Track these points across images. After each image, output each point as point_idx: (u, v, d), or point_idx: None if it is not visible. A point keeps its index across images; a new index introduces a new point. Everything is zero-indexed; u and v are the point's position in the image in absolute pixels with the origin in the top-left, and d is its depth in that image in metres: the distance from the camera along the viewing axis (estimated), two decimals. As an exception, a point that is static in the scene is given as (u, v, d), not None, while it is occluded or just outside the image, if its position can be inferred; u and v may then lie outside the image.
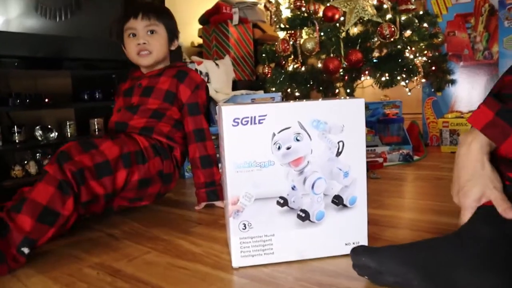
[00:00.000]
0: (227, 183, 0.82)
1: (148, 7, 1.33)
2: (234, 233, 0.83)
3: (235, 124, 0.80)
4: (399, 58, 2.00)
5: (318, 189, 0.85)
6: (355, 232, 0.88)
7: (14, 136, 1.67)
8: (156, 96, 1.30)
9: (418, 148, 2.16)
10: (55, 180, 0.96)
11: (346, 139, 0.84)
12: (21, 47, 1.55)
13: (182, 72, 1.34)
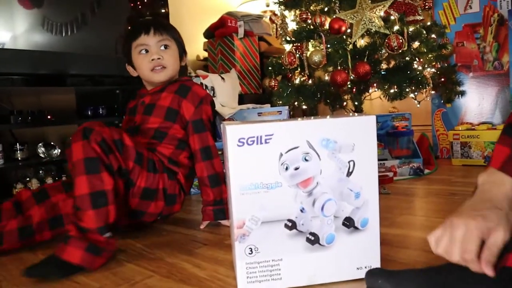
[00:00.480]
0: (232, 205, 0.78)
1: (158, 23, 1.30)
2: (240, 258, 0.79)
3: (240, 144, 0.76)
4: (408, 70, 1.96)
5: (328, 211, 0.80)
6: (367, 256, 0.84)
7: (17, 154, 1.65)
8: (157, 114, 1.26)
9: (429, 161, 2.11)
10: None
11: (357, 158, 0.80)
12: (25, 64, 1.54)
13: (185, 86, 1.29)
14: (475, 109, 2.30)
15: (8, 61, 1.49)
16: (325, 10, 2.18)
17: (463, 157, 2.08)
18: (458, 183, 1.69)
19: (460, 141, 2.09)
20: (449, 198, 1.46)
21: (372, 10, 1.92)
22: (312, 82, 2.23)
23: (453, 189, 1.59)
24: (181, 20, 2.79)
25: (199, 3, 2.99)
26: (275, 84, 2.39)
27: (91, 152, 1.00)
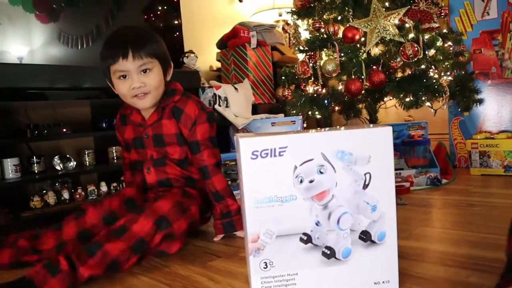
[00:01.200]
0: (246, 219, 0.77)
1: (136, 43, 1.14)
2: (254, 272, 0.78)
3: (254, 157, 0.75)
4: (424, 78, 1.93)
5: (344, 224, 0.79)
6: (385, 270, 0.81)
7: (33, 167, 1.66)
8: (170, 143, 1.26)
9: (446, 171, 2.07)
10: (135, 238, 1.03)
11: (373, 171, 0.78)
12: (41, 79, 1.56)
13: (177, 109, 1.24)
14: (493, 117, 2.25)
15: (25, 76, 1.51)
16: (338, 19, 2.17)
17: (482, 166, 2.03)
18: (477, 194, 1.65)
19: (478, 150, 2.04)
20: (468, 209, 1.43)
21: (386, 18, 1.90)
22: (326, 91, 2.21)
23: (471, 200, 1.55)
24: (194, 31, 2.81)
25: (211, 14, 3.01)
26: (289, 93, 2.38)
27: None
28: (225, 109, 2.26)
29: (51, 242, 1.13)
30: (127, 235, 1.02)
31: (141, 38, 1.16)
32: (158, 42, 1.20)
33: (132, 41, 1.14)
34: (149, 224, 1.05)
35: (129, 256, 1.02)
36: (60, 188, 1.75)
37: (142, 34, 1.17)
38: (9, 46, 1.71)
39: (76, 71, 1.69)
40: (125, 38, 1.15)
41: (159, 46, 1.20)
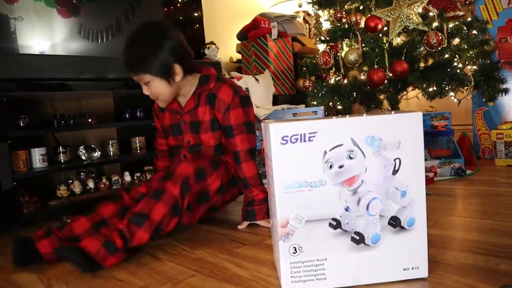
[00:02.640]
0: (275, 204, 0.78)
1: (126, 61, 1.21)
2: (284, 257, 0.79)
3: (284, 142, 0.75)
4: (448, 68, 1.91)
5: (373, 210, 0.79)
6: (414, 256, 0.81)
7: (60, 156, 1.70)
8: (205, 130, 1.31)
9: (470, 162, 2.04)
10: (172, 202, 1.10)
11: (403, 156, 0.78)
12: (65, 70, 1.58)
13: (212, 95, 1.28)
14: (519, 107, 2.21)
15: (49, 67, 1.54)
16: (360, 9, 2.15)
17: (508, 157, 2.00)
18: (503, 184, 1.63)
19: (504, 140, 2.01)
20: (495, 199, 1.41)
21: (410, 7, 1.88)
22: (347, 81, 2.20)
23: (498, 190, 1.53)
24: (214, 22, 2.81)
25: (232, 5, 3.00)
26: (310, 84, 2.37)
27: (182, 203, 1.13)
28: (246, 100, 2.27)
29: (85, 225, 1.17)
30: (166, 197, 1.10)
31: (133, 57, 1.20)
32: (150, 57, 1.19)
33: (126, 63, 1.21)
34: (177, 189, 1.12)
35: (169, 220, 1.10)
36: (85, 178, 1.78)
37: (135, 50, 1.19)
38: (31, 40, 1.74)
39: (99, 62, 1.71)
40: (124, 57, 1.21)
41: (151, 61, 1.19)
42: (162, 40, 1.19)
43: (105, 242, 1.01)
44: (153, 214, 1.07)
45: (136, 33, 1.21)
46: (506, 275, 0.81)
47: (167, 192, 1.10)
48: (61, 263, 1.08)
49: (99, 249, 1.00)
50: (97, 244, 1.00)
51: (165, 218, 1.09)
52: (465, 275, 0.82)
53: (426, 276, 0.81)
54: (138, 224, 1.06)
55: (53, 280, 0.97)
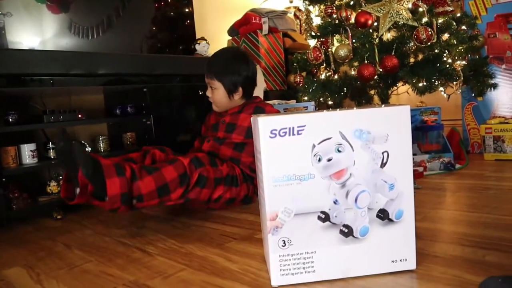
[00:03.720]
0: (264, 198, 0.78)
1: (210, 66, 1.51)
2: (273, 250, 0.79)
3: (272, 136, 0.75)
4: (437, 63, 1.92)
5: (362, 202, 0.79)
6: (402, 248, 0.82)
7: (49, 152, 1.68)
8: (238, 132, 1.48)
9: (459, 156, 2.06)
10: (181, 169, 1.23)
11: (391, 149, 0.79)
12: (54, 65, 1.57)
13: (259, 108, 1.51)
14: (508, 102, 2.23)
15: (39, 62, 1.52)
16: (350, 4, 2.16)
17: (496, 151, 2.02)
18: (492, 178, 1.65)
19: (492, 135, 2.03)
20: (483, 192, 1.42)
21: (400, 2, 1.88)
22: (338, 77, 2.21)
23: (486, 184, 1.55)
24: (205, 18, 2.80)
25: (222, 1, 2.99)
26: (300, 80, 2.37)
27: (191, 175, 1.26)
28: (237, 95, 2.27)
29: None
30: (177, 164, 1.23)
31: (217, 65, 1.51)
32: (228, 71, 1.49)
33: (210, 65, 1.52)
34: (187, 160, 1.26)
35: (176, 186, 1.21)
36: (76, 174, 1.77)
37: (221, 62, 1.51)
38: (21, 36, 1.72)
39: (89, 58, 1.70)
40: (210, 61, 1.53)
41: (227, 73, 1.49)
42: (244, 66, 1.51)
43: (116, 164, 1.13)
44: (164, 171, 1.20)
45: (230, 50, 1.61)
46: (493, 266, 0.82)
47: (179, 161, 1.24)
48: (50, 258, 1.08)
49: (109, 165, 1.11)
50: (108, 161, 1.12)
51: (174, 181, 1.20)
52: (453, 267, 0.83)
53: (414, 268, 0.82)
54: (148, 171, 1.18)
55: (43, 275, 0.97)
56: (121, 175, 1.12)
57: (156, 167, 1.21)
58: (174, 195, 1.22)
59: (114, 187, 1.09)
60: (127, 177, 1.13)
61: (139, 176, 1.16)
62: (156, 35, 2.37)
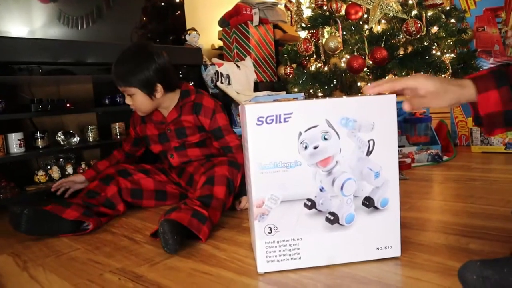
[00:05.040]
0: (251, 184, 0.79)
1: (116, 73, 1.35)
2: (259, 237, 0.80)
3: (259, 123, 0.76)
4: (426, 55, 1.93)
5: (347, 190, 0.80)
6: (387, 236, 0.83)
7: (37, 142, 1.67)
8: (191, 132, 1.43)
9: (447, 148, 2.08)
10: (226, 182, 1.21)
11: (377, 138, 0.79)
12: (42, 54, 1.55)
13: (197, 105, 1.42)
14: (495, 95, 2.25)
15: (27, 51, 1.51)
16: (341, -4, 2.16)
17: (483, 144, 2.05)
18: (478, 169, 1.67)
19: (480, 128, 2.05)
20: (469, 183, 1.45)
21: (390, -5, 1.89)
22: (328, 68, 2.21)
23: (472, 175, 1.57)
24: (195, 9, 2.79)
25: (213, -9, 2.98)
26: (291, 71, 2.38)
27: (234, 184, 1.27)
28: (227, 86, 2.26)
29: (113, 189, 1.33)
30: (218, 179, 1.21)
31: (122, 71, 1.34)
32: (137, 73, 1.32)
33: (115, 73, 1.35)
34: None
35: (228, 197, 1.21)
36: (64, 163, 1.76)
37: (125, 65, 1.34)
38: (9, 26, 1.70)
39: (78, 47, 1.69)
40: (113, 69, 1.35)
41: (137, 77, 1.33)
42: (150, 61, 1.34)
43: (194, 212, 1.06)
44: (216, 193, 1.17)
45: (129, 50, 1.36)
46: (475, 253, 0.83)
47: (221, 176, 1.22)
48: (37, 246, 1.08)
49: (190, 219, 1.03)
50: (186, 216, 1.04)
51: (225, 195, 1.20)
52: (436, 254, 0.84)
53: (398, 255, 0.83)
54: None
55: (29, 263, 0.97)
56: (206, 221, 1.07)
57: (210, 195, 1.17)
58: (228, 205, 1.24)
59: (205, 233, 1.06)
60: (208, 217, 1.08)
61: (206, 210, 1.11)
62: (146, 25, 2.35)
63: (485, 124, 0.76)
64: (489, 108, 0.74)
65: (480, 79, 0.75)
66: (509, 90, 0.73)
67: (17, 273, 0.91)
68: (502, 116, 0.74)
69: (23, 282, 0.86)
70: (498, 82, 0.73)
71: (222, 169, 1.23)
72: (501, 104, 0.73)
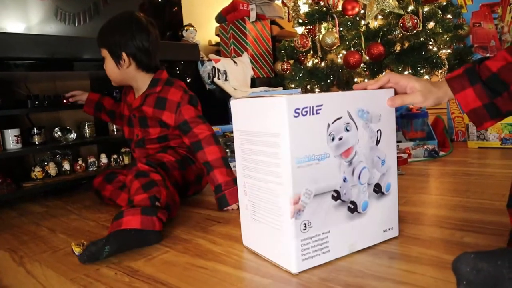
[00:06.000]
0: (288, 180, 0.74)
1: (98, 35, 1.34)
2: (295, 235, 0.75)
3: (296, 115, 0.72)
4: (423, 51, 1.94)
5: (363, 179, 0.83)
6: (390, 218, 0.89)
7: (34, 138, 1.67)
8: (153, 124, 1.39)
9: (444, 144, 2.09)
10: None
11: (383, 128, 0.84)
12: (39, 49, 1.55)
13: (160, 99, 1.34)
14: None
15: (23, 46, 1.50)
16: (338, -8, 2.15)
17: (479, 139, 2.05)
18: (474, 165, 1.67)
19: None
20: (465, 178, 1.45)
21: (386, -10, 1.89)
22: (325, 64, 2.21)
23: (468, 170, 1.57)
24: (193, 5, 2.78)
25: (210, -13, 2.97)
26: (288, 67, 2.38)
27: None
28: (224, 82, 2.26)
29: None
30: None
31: (99, 33, 1.34)
32: (111, 34, 1.30)
33: (100, 30, 1.34)
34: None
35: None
36: (61, 160, 1.76)
37: (109, 27, 1.33)
38: (5, 23, 1.69)
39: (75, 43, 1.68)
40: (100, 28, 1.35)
41: (110, 39, 1.30)
42: (128, 28, 1.29)
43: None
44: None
45: (115, 16, 1.34)
46: (469, 246, 0.84)
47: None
48: (33, 242, 1.08)
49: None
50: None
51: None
52: (431, 247, 0.85)
53: (397, 235, 0.90)
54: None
55: (26, 258, 0.97)
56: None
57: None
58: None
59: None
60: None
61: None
62: (143, 21, 2.35)
63: (472, 119, 0.81)
64: (469, 104, 0.79)
65: (455, 80, 0.81)
66: (482, 87, 0.77)
67: (14, 269, 0.92)
68: (484, 110, 0.79)
69: (20, 278, 0.86)
70: (471, 80, 0.78)
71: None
72: (479, 100, 0.78)
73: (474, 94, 0.78)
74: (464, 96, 0.79)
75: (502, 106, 0.77)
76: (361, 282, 0.72)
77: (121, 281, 0.80)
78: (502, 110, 0.78)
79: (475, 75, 0.79)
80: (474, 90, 0.78)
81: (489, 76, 0.77)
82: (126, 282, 0.79)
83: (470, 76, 0.79)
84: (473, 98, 0.79)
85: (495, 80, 0.76)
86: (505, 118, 0.80)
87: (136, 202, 1.05)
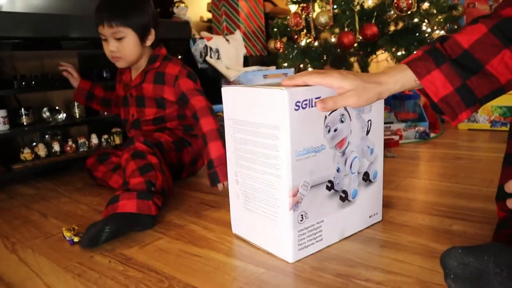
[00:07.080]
0: (287, 173, 0.74)
1: (112, 11, 1.26)
2: (293, 226, 0.77)
3: (297, 108, 0.72)
4: (416, 32, 1.92)
5: (354, 168, 0.85)
6: (376, 204, 0.93)
7: (22, 119, 1.64)
8: (149, 104, 1.38)
9: (435, 125, 2.10)
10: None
11: (373, 118, 0.85)
12: (25, 28, 1.50)
13: (159, 74, 1.35)
14: (483, 72, 2.26)
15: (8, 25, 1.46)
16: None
17: (470, 121, 2.07)
18: (464, 147, 1.69)
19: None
20: (454, 162, 1.47)
21: (381, -31, 1.86)
22: (318, 44, 2.19)
23: (458, 153, 1.59)
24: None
25: (202, -39, 2.90)
26: (281, 46, 2.35)
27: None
28: (216, 61, 2.23)
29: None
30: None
31: (118, 7, 1.27)
32: (135, 11, 1.28)
33: (110, 9, 1.26)
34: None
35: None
36: (50, 141, 1.74)
37: (120, 6, 1.27)
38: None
39: (61, 20, 1.64)
40: (106, 6, 1.27)
41: (135, 14, 1.28)
42: (147, 4, 1.31)
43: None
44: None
45: None
46: (458, 235, 0.86)
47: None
48: (25, 227, 1.08)
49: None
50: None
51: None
52: (420, 236, 0.86)
53: (380, 220, 0.96)
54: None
55: (18, 245, 0.97)
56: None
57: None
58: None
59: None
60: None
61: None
62: (132, -4, 2.29)
63: (445, 110, 0.70)
64: (439, 91, 0.68)
65: (416, 62, 0.69)
66: (450, 65, 0.66)
67: (6, 256, 0.92)
68: (458, 96, 0.67)
69: (12, 265, 0.86)
70: (437, 61, 0.67)
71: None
72: (449, 83, 0.67)
73: (443, 75, 0.67)
74: (430, 81, 0.67)
75: (476, 88, 0.67)
76: (351, 272, 0.73)
77: (115, 269, 0.81)
78: (477, 95, 0.67)
79: (439, 54, 0.67)
80: (441, 70, 0.67)
81: (460, 54, 0.66)
82: (120, 271, 0.80)
83: (434, 56, 0.67)
84: (442, 81, 0.67)
85: (468, 58, 0.66)
86: (481, 106, 0.69)
87: (132, 186, 1.05)
